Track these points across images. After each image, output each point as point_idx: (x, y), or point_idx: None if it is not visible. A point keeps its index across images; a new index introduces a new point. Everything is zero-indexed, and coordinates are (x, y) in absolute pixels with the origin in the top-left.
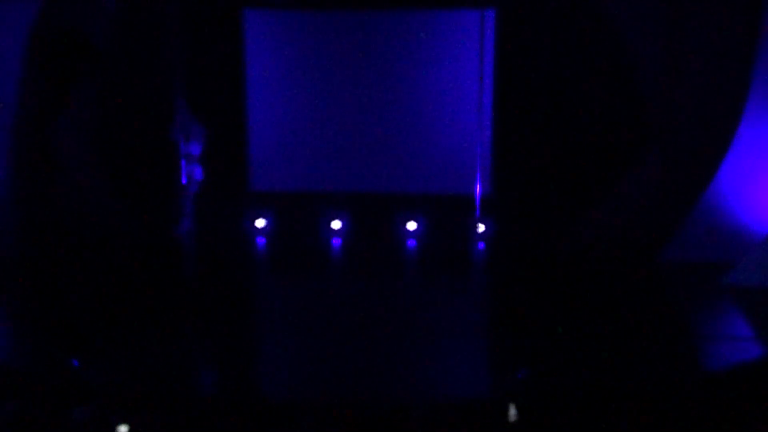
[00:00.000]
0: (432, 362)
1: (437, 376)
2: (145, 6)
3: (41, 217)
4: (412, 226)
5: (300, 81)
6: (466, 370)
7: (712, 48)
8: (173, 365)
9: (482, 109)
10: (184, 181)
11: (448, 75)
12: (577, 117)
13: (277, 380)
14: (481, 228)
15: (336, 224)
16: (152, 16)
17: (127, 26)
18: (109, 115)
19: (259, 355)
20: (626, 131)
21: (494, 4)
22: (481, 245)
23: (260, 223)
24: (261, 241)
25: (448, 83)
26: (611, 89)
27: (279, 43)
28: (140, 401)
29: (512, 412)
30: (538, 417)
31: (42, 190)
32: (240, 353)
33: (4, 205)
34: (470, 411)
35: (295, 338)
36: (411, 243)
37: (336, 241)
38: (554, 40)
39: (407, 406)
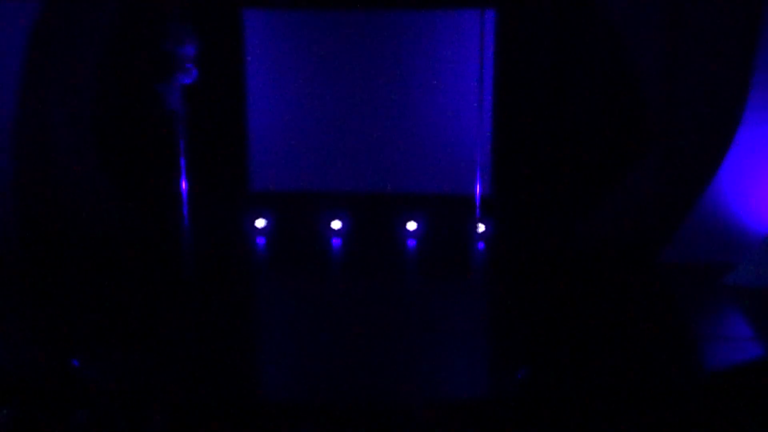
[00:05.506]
0: (432, 362)
1: (437, 376)
2: (146, 6)
3: (41, 215)
4: (412, 226)
5: (300, 81)
6: (466, 370)
7: (712, 48)
8: (173, 365)
9: (482, 109)
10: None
11: (448, 75)
12: (576, 117)
13: (277, 380)
14: (481, 228)
15: (336, 224)
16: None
17: (128, 25)
18: (107, 105)
19: (259, 356)
20: (626, 131)
21: (494, 4)
22: (481, 245)
23: (260, 223)
24: (261, 241)
25: (448, 83)
26: (611, 89)
27: (279, 43)
28: (140, 401)
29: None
30: (538, 417)
31: (41, 187)
32: (240, 353)
33: (3, 204)
34: (470, 411)
35: (295, 338)
36: (411, 243)
37: (336, 241)
38: (554, 40)
39: (407, 406)
